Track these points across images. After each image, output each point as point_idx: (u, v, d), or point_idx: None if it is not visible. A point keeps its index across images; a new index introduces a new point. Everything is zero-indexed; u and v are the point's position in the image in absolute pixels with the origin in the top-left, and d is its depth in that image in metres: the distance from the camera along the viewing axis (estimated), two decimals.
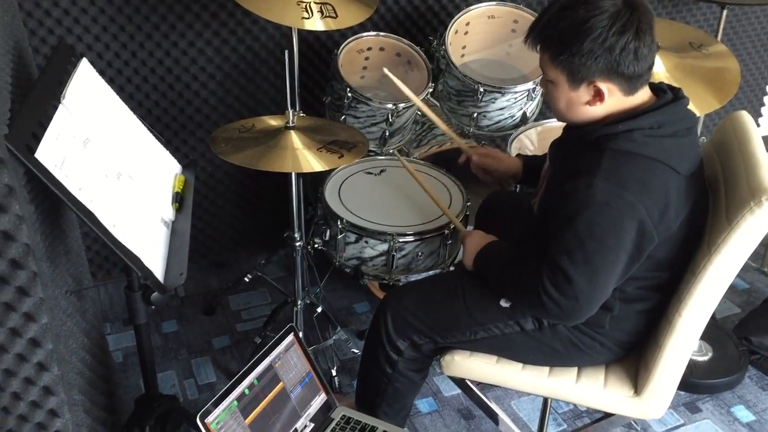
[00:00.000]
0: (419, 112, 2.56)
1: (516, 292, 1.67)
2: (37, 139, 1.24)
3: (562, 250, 1.51)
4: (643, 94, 1.56)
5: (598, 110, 1.56)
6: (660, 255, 1.56)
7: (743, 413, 2.34)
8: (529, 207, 1.81)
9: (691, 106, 1.60)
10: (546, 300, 1.54)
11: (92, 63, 1.60)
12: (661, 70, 2.17)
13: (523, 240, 1.73)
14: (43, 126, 1.28)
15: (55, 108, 1.34)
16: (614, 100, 1.54)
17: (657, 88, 1.60)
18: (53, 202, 1.58)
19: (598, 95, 1.53)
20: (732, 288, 2.61)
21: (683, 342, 1.64)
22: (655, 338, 1.69)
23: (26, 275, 1.22)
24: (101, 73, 1.66)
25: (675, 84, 1.63)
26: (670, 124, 1.53)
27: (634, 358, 1.78)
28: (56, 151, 1.28)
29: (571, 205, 1.50)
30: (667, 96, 1.57)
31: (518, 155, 2.09)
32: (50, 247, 1.51)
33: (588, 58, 1.48)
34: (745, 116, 1.71)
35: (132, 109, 1.72)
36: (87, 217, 1.30)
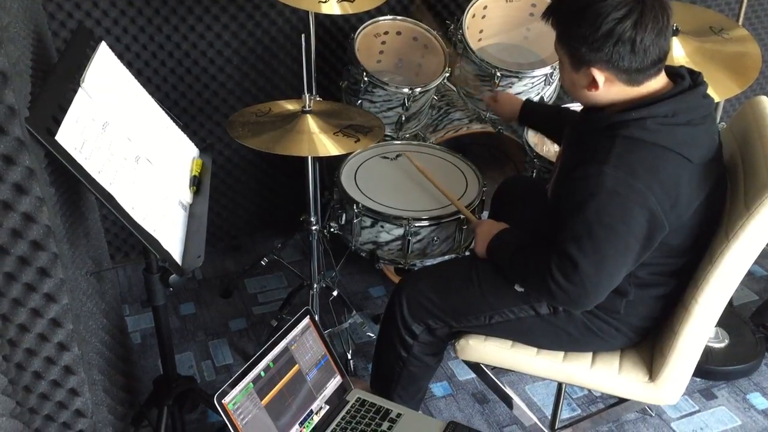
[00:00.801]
0: (435, 97, 2.55)
1: (526, 279, 1.67)
2: (58, 122, 1.25)
3: (571, 238, 1.50)
4: (656, 83, 1.53)
5: (599, 96, 1.54)
6: (673, 242, 1.55)
7: (759, 400, 2.34)
8: (544, 192, 1.81)
9: (710, 91, 1.57)
10: (554, 287, 1.54)
11: (111, 47, 1.60)
12: (680, 55, 2.14)
13: (537, 225, 1.73)
14: (63, 109, 1.29)
15: (75, 92, 1.35)
16: (617, 88, 1.51)
17: (675, 73, 1.57)
18: (73, 185, 1.60)
19: (594, 83, 1.51)
20: (750, 275, 2.60)
21: (699, 328, 1.63)
22: (670, 324, 1.69)
23: (47, 256, 1.24)
24: (119, 56, 1.66)
25: (694, 68, 1.60)
26: (684, 113, 1.50)
27: (649, 344, 1.78)
28: (76, 134, 1.29)
29: (581, 192, 1.49)
30: (685, 83, 1.53)
31: (527, 100, 2.14)
32: (70, 229, 1.52)
33: (583, 44, 1.46)
34: (765, 101, 1.69)
35: (150, 92, 1.73)
36: (107, 199, 1.32)
